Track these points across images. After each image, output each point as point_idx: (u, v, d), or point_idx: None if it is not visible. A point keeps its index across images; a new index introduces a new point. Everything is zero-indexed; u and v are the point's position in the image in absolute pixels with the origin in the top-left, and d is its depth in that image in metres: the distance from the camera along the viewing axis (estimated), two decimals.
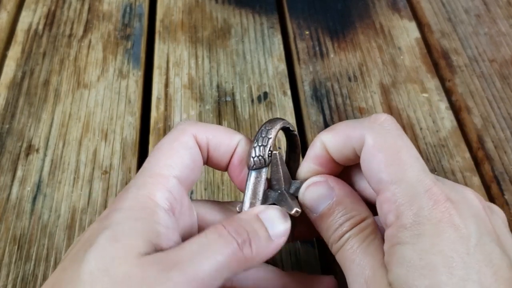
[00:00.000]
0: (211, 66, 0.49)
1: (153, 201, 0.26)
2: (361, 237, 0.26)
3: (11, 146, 0.43)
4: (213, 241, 0.25)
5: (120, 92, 0.47)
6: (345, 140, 0.27)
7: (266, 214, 0.27)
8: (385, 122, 0.26)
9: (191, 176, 0.28)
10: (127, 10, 0.54)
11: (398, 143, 0.25)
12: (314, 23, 0.53)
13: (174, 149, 0.28)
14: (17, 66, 0.49)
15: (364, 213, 0.27)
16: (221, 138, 0.29)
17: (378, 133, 0.26)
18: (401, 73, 0.49)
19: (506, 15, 0.54)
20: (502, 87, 0.48)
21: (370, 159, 0.25)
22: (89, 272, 0.23)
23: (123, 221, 0.25)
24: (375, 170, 0.25)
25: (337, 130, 0.28)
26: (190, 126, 0.29)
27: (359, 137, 0.26)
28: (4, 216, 0.39)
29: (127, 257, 0.23)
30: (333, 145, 0.28)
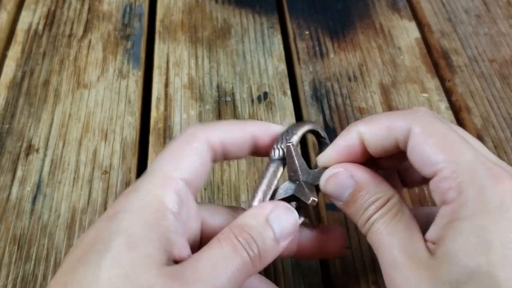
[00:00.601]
0: (211, 66, 0.49)
1: (163, 204, 0.26)
2: (388, 217, 0.26)
3: (11, 146, 0.43)
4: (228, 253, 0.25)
5: (120, 92, 0.47)
6: (387, 131, 0.27)
7: (275, 214, 0.27)
8: (427, 113, 0.26)
9: (198, 180, 0.29)
10: (127, 10, 0.54)
11: (446, 128, 0.26)
12: (314, 23, 0.53)
13: (185, 153, 0.28)
14: (17, 66, 0.49)
15: (388, 192, 0.27)
16: (234, 134, 0.30)
17: (424, 121, 0.26)
18: (401, 73, 0.49)
19: (506, 15, 0.54)
20: (502, 87, 0.48)
21: (421, 145, 0.25)
22: (108, 278, 0.23)
23: (136, 226, 0.25)
24: (428, 154, 0.25)
25: (377, 121, 0.27)
26: (201, 130, 0.29)
27: (403, 128, 0.26)
28: (4, 216, 0.39)
29: (148, 266, 0.24)
30: (372, 137, 0.27)
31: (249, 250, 0.25)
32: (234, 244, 0.25)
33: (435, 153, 0.25)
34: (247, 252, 0.25)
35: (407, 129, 0.26)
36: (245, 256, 0.25)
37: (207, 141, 0.29)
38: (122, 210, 0.26)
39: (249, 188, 0.40)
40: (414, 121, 0.26)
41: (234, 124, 0.30)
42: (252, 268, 0.26)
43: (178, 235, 0.26)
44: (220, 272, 0.24)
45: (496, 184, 0.23)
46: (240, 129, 0.30)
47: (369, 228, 0.26)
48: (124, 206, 0.26)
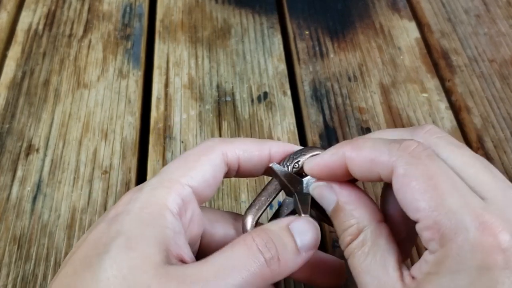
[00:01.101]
0: (211, 66, 0.49)
1: (164, 205, 0.26)
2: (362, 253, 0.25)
3: (11, 146, 0.43)
4: (239, 255, 0.24)
5: (120, 92, 0.47)
6: (371, 164, 0.26)
7: (296, 225, 0.26)
8: (417, 150, 0.25)
9: (207, 191, 0.28)
10: (127, 10, 0.54)
11: (431, 170, 0.24)
12: (314, 23, 0.53)
13: (199, 162, 0.28)
14: (17, 66, 0.49)
15: (362, 222, 0.26)
16: (251, 152, 0.29)
17: (408, 161, 0.24)
18: (401, 73, 0.49)
19: (506, 15, 0.54)
20: (502, 87, 0.48)
21: (403, 188, 0.24)
22: (106, 279, 0.23)
23: (134, 227, 0.25)
24: (410, 200, 0.24)
25: (362, 151, 0.26)
26: (220, 144, 0.29)
27: (386, 164, 0.25)
28: (4, 216, 0.39)
29: (145, 266, 0.23)
30: (356, 166, 0.26)
31: (266, 253, 0.24)
32: (249, 246, 0.24)
33: (416, 200, 0.23)
34: (263, 254, 0.24)
35: (390, 168, 0.25)
36: (261, 259, 0.24)
37: (224, 155, 0.29)
38: (124, 211, 0.26)
39: (249, 188, 0.40)
40: (398, 160, 0.24)
41: (253, 142, 0.30)
42: (269, 274, 0.24)
43: (177, 234, 0.26)
44: (228, 275, 0.23)
45: (482, 237, 0.22)
46: (259, 147, 0.30)
47: (348, 256, 0.26)
48: (126, 208, 0.26)
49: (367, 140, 0.27)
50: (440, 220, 0.22)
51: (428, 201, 0.23)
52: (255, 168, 0.30)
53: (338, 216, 0.27)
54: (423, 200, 0.23)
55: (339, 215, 0.27)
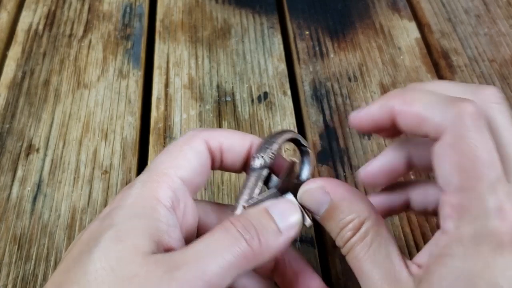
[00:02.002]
0: (211, 66, 0.49)
1: (155, 199, 0.26)
2: (365, 244, 0.25)
3: (11, 146, 0.43)
4: (220, 239, 0.25)
5: (120, 92, 0.47)
6: (420, 122, 0.25)
7: (275, 207, 0.26)
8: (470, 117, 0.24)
9: (197, 179, 0.28)
10: (127, 10, 0.54)
11: (477, 146, 0.23)
12: (314, 23, 0.53)
13: (182, 152, 0.28)
14: (17, 66, 0.49)
15: (363, 213, 0.26)
16: (233, 140, 0.29)
17: (459, 131, 0.23)
18: (401, 73, 0.49)
19: (506, 15, 0.54)
20: (502, 87, 0.48)
21: (443, 157, 0.24)
22: (94, 271, 0.23)
23: (125, 220, 0.25)
24: (446, 170, 0.24)
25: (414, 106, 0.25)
26: (201, 132, 0.29)
27: (436, 127, 0.24)
28: (5, 216, 0.39)
29: (132, 256, 0.24)
30: (405, 120, 0.26)
31: (245, 234, 0.25)
32: (229, 231, 0.25)
33: (451, 174, 0.23)
34: (244, 237, 0.24)
35: (439, 131, 0.24)
36: (243, 243, 0.24)
37: (206, 142, 0.29)
38: (116, 207, 0.26)
39: None
40: (450, 125, 0.24)
41: (235, 132, 0.30)
42: (252, 254, 0.25)
43: (170, 226, 0.26)
44: (209, 258, 0.24)
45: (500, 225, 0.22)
46: (241, 138, 0.29)
47: (348, 251, 0.26)
48: (118, 204, 0.26)
49: (420, 94, 0.26)
50: (465, 202, 0.23)
51: (463, 180, 0.23)
52: (237, 159, 0.30)
53: (334, 215, 0.26)
54: (458, 177, 0.23)
55: (335, 214, 0.26)
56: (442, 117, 0.24)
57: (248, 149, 0.29)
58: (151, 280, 0.23)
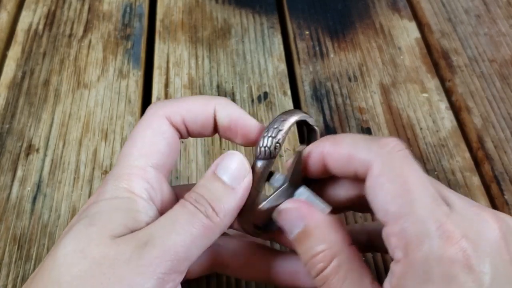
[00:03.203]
0: (211, 66, 0.49)
1: (132, 193, 0.26)
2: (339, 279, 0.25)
3: (11, 146, 0.43)
4: (180, 214, 0.25)
5: (120, 92, 0.47)
6: (348, 160, 0.25)
7: (222, 166, 0.26)
8: (395, 149, 0.24)
9: (168, 161, 0.28)
10: (127, 10, 0.54)
11: (406, 172, 0.24)
12: (314, 23, 0.53)
13: (147, 137, 0.28)
14: (17, 66, 0.49)
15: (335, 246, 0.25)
16: (195, 110, 0.29)
17: (385, 160, 0.24)
18: (401, 73, 0.49)
19: (506, 15, 0.54)
20: (502, 87, 0.48)
21: (376, 189, 0.24)
22: (64, 255, 0.23)
23: (102, 210, 0.25)
24: (381, 201, 0.24)
25: (340, 145, 0.26)
26: (160, 108, 0.28)
27: (363, 161, 0.25)
28: (4, 216, 0.39)
29: (102, 238, 0.24)
30: (333, 161, 0.26)
31: (198, 205, 0.25)
32: (184, 205, 0.25)
33: (387, 203, 0.23)
34: (198, 208, 0.25)
35: (366, 165, 0.24)
36: (200, 216, 0.25)
37: (168, 118, 0.28)
38: (94, 202, 0.26)
39: None
40: (375, 158, 0.24)
41: (197, 100, 0.29)
42: (213, 225, 0.25)
43: (151, 217, 0.26)
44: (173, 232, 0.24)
45: (445, 246, 0.22)
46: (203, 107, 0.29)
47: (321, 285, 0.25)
48: (96, 199, 0.26)
49: (347, 136, 0.26)
50: (407, 227, 0.22)
51: (399, 206, 0.23)
52: (203, 127, 0.29)
53: (306, 241, 0.26)
54: (394, 204, 0.23)
55: (306, 240, 0.26)
56: (368, 152, 0.25)
57: (213, 114, 0.29)
58: (120, 259, 0.23)
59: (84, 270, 0.23)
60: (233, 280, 0.35)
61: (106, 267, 0.23)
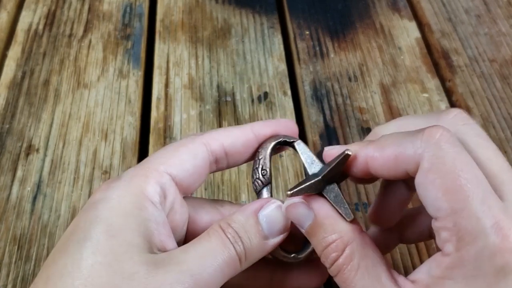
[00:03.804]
0: (211, 66, 0.49)
1: (143, 194, 0.26)
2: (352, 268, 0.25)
3: (11, 146, 0.43)
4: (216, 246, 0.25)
5: (120, 92, 0.47)
6: (396, 161, 0.24)
7: (264, 213, 0.27)
8: (442, 139, 0.23)
9: (188, 180, 0.28)
10: (127, 10, 0.54)
11: (457, 166, 0.23)
12: (314, 23, 0.53)
13: (177, 151, 0.28)
14: (17, 66, 0.49)
15: (346, 235, 0.25)
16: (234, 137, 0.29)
17: (435, 154, 0.23)
18: (401, 73, 0.49)
19: (506, 15, 0.54)
20: (502, 87, 0.48)
21: (426, 185, 0.23)
22: (90, 265, 0.23)
23: (114, 215, 0.25)
24: (432, 197, 0.23)
25: (385, 148, 0.25)
26: (201, 135, 0.29)
27: (412, 159, 0.24)
28: (4, 216, 0.39)
29: (129, 254, 0.24)
30: (380, 166, 0.25)
31: (236, 245, 0.25)
32: (222, 238, 0.25)
33: (438, 199, 0.23)
34: (234, 247, 0.25)
35: (417, 161, 0.24)
36: (232, 251, 0.25)
37: (205, 144, 0.28)
38: (102, 199, 0.26)
39: (249, 188, 0.40)
40: (424, 152, 0.23)
41: (234, 127, 0.30)
42: (239, 264, 0.26)
43: (159, 224, 0.26)
44: (207, 264, 0.24)
45: (501, 243, 0.21)
46: (241, 131, 0.29)
47: (336, 274, 0.25)
48: (104, 195, 0.26)
49: (389, 137, 0.26)
50: (460, 223, 0.22)
51: (452, 202, 0.22)
52: (244, 152, 0.29)
53: (317, 232, 0.26)
54: (446, 200, 0.22)
55: (318, 232, 0.26)
56: (414, 148, 0.24)
57: (252, 139, 0.29)
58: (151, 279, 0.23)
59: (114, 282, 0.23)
60: None
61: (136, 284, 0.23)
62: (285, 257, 0.29)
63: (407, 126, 0.26)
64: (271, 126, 0.30)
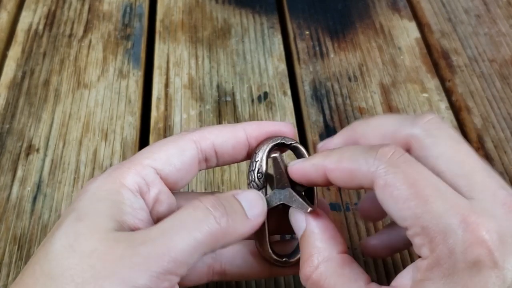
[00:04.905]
0: (211, 66, 0.49)
1: (120, 182, 0.26)
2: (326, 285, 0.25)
3: (11, 146, 0.43)
4: (187, 216, 0.25)
5: (120, 92, 0.47)
6: (351, 175, 0.25)
7: (242, 195, 0.27)
8: (394, 157, 0.24)
9: (175, 175, 0.28)
10: (127, 10, 0.54)
11: (411, 176, 0.23)
12: (314, 23, 0.53)
13: (165, 147, 0.28)
14: (17, 66, 0.49)
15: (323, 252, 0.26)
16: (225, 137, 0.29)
17: (387, 171, 0.24)
18: (401, 73, 0.49)
19: (506, 15, 0.54)
20: (502, 87, 0.48)
21: (386, 200, 0.24)
22: (54, 250, 0.24)
23: (88, 203, 0.25)
24: (395, 210, 0.23)
25: (341, 161, 0.26)
26: (191, 133, 0.29)
27: (366, 175, 0.24)
28: (4, 216, 0.39)
29: (92, 233, 0.24)
30: (337, 177, 0.26)
31: (216, 213, 0.25)
32: (198, 208, 0.25)
33: (400, 209, 0.23)
34: (213, 214, 0.25)
35: (370, 178, 0.24)
36: (211, 220, 0.24)
37: (194, 141, 0.28)
38: (82, 192, 0.26)
39: None
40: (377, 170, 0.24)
41: (225, 126, 0.30)
42: (220, 232, 0.25)
43: (135, 209, 0.26)
44: (178, 235, 0.24)
45: (471, 238, 0.22)
46: (232, 131, 0.29)
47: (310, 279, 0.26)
48: (85, 189, 0.27)
49: (346, 151, 0.26)
50: (427, 225, 0.22)
51: (413, 209, 0.23)
52: (235, 152, 0.29)
53: (303, 244, 0.27)
54: (407, 208, 0.23)
55: (304, 244, 0.27)
56: (367, 165, 0.24)
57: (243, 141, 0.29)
58: (111, 254, 0.23)
59: (74, 263, 0.23)
60: (233, 282, 0.35)
61: (95, 260, 0.23)
62: (277, 261, 0.29)
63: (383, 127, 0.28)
64: (266, 128, 0.30)
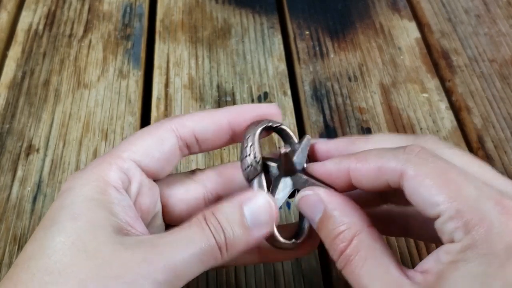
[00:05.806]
0: (211, 66, 0.49)
1: (104, 180, 0.26)
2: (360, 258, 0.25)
3: (11, 146, 0.43)
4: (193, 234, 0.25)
5: (120, 92, 0.47)
6: (378, 173, 0.25)
7: (249, 205, 0.26)
8: (421, 153, 0.24)
9: (156, 165, 0.28)
10: (127, 10, 0.54)
11: (442, 167, 0.24)
12: (314, 23, 0.53)
13: (142, 138, 0.28)
14: (17, 66, 0.49)
15: (354, 226, 0.25)
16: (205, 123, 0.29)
17: (417, 163, 0.24)
18: (401, 73, 0.49)
19: (506, 15, 0.54)
20: (502, 87, 0.48)
21: (417, 189, 0.24)
22: (53, 246, 0.23)
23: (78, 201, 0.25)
24: (426, 197, 0.23)
25: (368, 161, 0.26)
26: (169, 121, 0.29)
27: (394, 170, 0.24)
28: (4, 216, 0.39)
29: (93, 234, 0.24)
30: (362, 177, 0.26)
31: (216, 235, 0.25)
32: (202, 227, 0.25)
33: (434, 195, 0.23)
34: (214, 236, 0.25)
35: (399, 172, 0.24)
36: (212, 240, 0.25)
37: (172, 130, 0.28)
38: (67, 189, 0.26)
39: None
40: (407, 163, 0.24)
41: (206, 112, 0.30)
42: (219, 255, 0.25)
43: (124, 208, 0.26)
44: (181, 249, 0.24)
45: (508, 220, 0.22)
46: (213, 117, 0.29)
47: (343, 266, 0.25)
48: (69, 186, 0.26)
49: (371, 151, 0.26)
50: (462, 208, 0.22)
51: (447, 193, 0.23)
52: (216, 138, 0.29)
53: (327, 224, 0.26)
54: (441, 193, 0.23)
55: (327, 224, 0.26)
56: (396, 160, 0.25)
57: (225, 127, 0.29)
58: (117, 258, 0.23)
59: (77, 261, 0.23)
60: (233, 281, 0.35)
61: (101, 261, 0.23)
62: (285, 243, 0.29)
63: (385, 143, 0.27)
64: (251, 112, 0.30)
